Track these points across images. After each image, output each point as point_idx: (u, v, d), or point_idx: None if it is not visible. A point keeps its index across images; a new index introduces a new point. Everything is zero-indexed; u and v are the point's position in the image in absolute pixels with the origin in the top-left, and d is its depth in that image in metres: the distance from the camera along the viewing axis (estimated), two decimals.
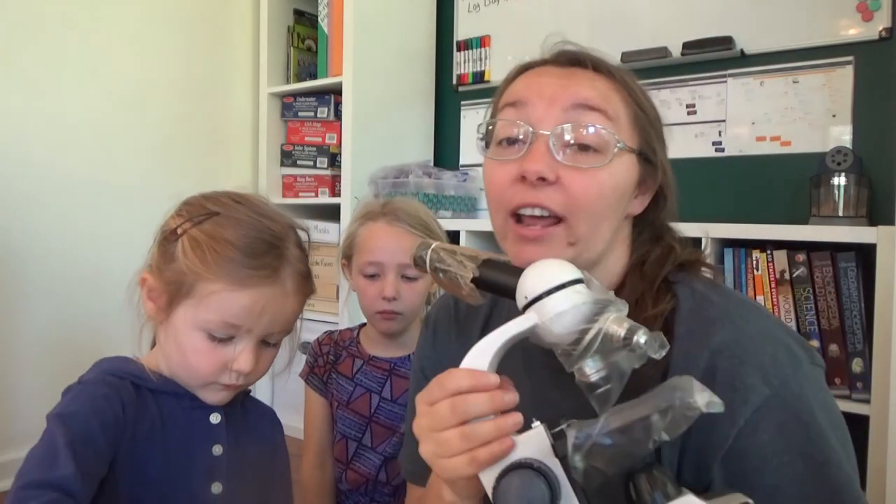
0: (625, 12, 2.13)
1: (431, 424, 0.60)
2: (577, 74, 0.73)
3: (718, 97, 1.98)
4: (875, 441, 1.42)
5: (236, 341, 0.78)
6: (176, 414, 0.81)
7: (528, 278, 0.62)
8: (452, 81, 2.58)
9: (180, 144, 2.41)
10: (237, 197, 0.83)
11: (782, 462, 0.66)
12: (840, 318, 1.52)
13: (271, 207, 0.85)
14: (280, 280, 0.79)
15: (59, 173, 2.09)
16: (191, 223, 0.79)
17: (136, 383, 0.80)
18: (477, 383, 0.59)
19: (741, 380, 0.65)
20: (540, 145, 0.68)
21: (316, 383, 1.30)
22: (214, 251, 0.77)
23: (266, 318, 0.78)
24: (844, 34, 1.79)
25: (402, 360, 1.26)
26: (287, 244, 0.82)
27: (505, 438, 0.57)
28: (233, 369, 0.79)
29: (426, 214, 1.26)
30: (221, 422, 0.83)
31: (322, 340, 1.34)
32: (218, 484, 0.81)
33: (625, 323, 0.56)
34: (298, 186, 2.55)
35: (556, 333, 0.58)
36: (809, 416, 0.67)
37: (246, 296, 0.76)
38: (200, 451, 0.81)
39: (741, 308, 0.72)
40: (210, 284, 0.76)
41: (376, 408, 1.24)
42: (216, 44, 2.54)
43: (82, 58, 2.16)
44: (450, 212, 2.28)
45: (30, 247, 2.02)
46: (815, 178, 1.68)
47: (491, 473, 0.58)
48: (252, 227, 0.79)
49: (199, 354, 0.78)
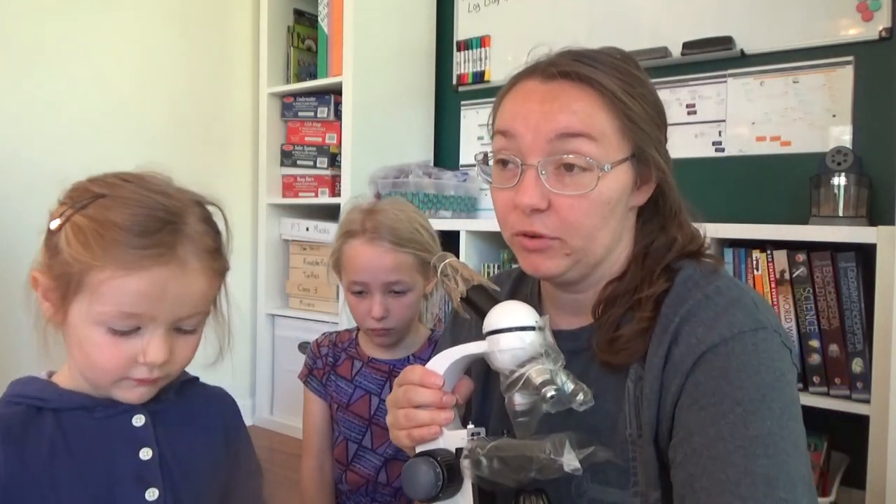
0: (625, 12, 2.13)
1: (393, 401, 0.79)
2: (562, 93, 0.75)
3: (718, 97, 1.98)
4: (875, 441, 1.42)
5: (142, 332, 0.72)
6: (85, 428, 0.74)
7: (493, 312, 0.72)
8: (452, 81, 2.58)
9: (180, 144, 2.41)
10: (127, 176, 0.76)
11: (710, 402, 0.68)
12: (840, 318, 1.52)
13: (169, 184, 0.78)
14: (178, 258, 0.71)
15: (58, 173, 2.08)
16: (73, 209, 0.72)
17: (37, 406, 0.74)
18: (425, 381, 0.75)
19: (696, 336, 0.71)
20: (529, 176, 0.75)
21: (315, 385, 1.30)
22: (98, 235, 0.69)
23: (167, 302, 0.71)
24: (844, 34, 1.79)
25: (402, 361, 1.25)
26: (185, 219, 0.74)
27: (434, 426, 0.73)
28: (143, 362, 0.72)
29: (409, 224, 1.19)
30: (147, 423, 0.77)
31: (321, 342, 1.33)
32: (153, 490, 0.75)
33: (544, 375, 0.66)
34: (298, 186, 2.55)
35: (496, 365, 0.71)
36: (753, 371, 0.68)
37: (139, 280, 0.69)
38: (124, 459, 0.75)
39: (723, 286, 0.75)
40: (98, 273, 0.69)
41: (376, 409, 1.24)
42: (216, 43, 2.54)
43: (82, 57, 2.16)
44: (450, 212, 2.28)
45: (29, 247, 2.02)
46: (815, 178, 1.68)
47: (422, 449, 0.74)
48: (141, 205, 0.72)
49: (102, 351, 0.71)
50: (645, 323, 0.75)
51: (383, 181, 2.26)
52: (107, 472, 0.74)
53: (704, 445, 0.67)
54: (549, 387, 0.65)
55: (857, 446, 1.49)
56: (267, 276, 2.62)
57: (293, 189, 2.56)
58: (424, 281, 1.21)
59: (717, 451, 0.66)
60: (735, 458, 0.65)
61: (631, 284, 0.79)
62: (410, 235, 1.18)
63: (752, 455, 0.64)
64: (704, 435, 0.67)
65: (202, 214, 0.77)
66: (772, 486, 0.63)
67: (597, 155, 0.73)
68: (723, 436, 0.66)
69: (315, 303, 2.51)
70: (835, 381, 1.53)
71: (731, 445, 0.65)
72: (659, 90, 0.82)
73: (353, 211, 1.23)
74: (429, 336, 1.29)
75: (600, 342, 0.78)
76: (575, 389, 0.66)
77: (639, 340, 0.75)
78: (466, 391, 0.79)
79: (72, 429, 0.74)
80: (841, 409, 1.50)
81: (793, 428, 0.67)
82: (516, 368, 0.67)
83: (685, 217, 0.83)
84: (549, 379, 0.65)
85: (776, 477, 0.63)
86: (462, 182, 2.36)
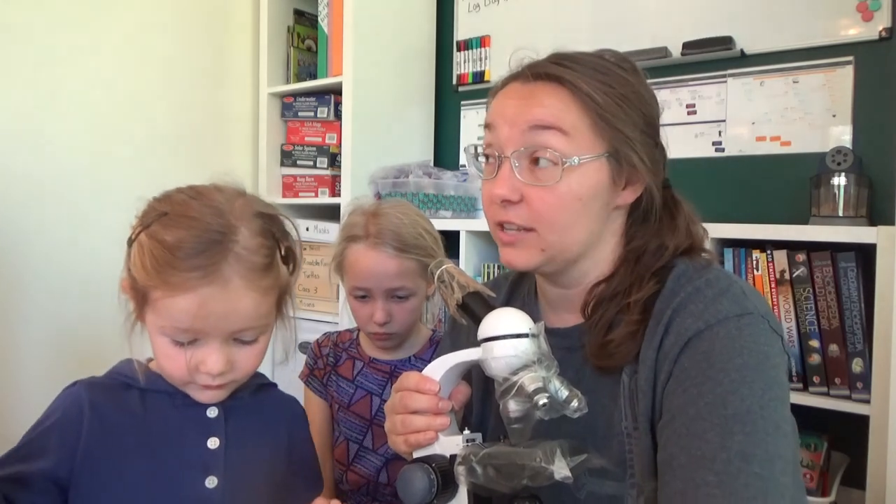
0: (625, 12, 2.13)
1: (390, 407, 0.80)
2: (538, 91, 0.78)
3: (718, 97, 1.98)
4: (875, 441, 1.42)
5: (200, 343, 0.76)
6: (164, 410, 0.81)
7: (488, 319, 0.73)
8: (452, 81, 2.58)
9: (179, 144, 2.40)
10: (191, 192, 0.79)
11: (692, 384, 0.69)
12: (840, 318, 1.52)
13: (234, 197, 0.80)
14: (222, 278, 0.74)
15: (57, 172, 2.09)
16: (140, 227, 0.77)
17: (128, 383, 0.81)
18: (421, 387, 0.76)
19: (685, 325, 0.73)
20: (505, 168, 0.79)
21: (316, 385, 1.30)
22: (153, 256, 0.74)
23: (215, 319, 0.75)
24: (844, 34, 1.78)
25: (404, 362, 1.25)
26: (235, 236, 0.75)
27: (430, 432, 0.75)
28: (202, 371, 0.77)
29: (413, 228, 1.18)
30: (220, 416, 0.82)
31: (321, 342, 1.33)
32: (213, 478, 0.80)
33: (537, 383, 0.67)
34: (298, 186, 2.55)
35: (490, 372, 0.72)
36: (735, 353, 0.69)
37: (185, 300, 0.73)
38: (193, 445, 0.80)
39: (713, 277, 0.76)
40: (154, 291, 0.75)
41: (377, 410, 1.24)
42: (216, 43, 2.54)
43: (80, 57, 2.15)
44: (450, 212, 2.28)
45: (29, 246, 2.02)
46: (815, 178, 1.68)
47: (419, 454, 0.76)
48: (192, 225, 0.75)
49: (168, 359, 0.77)
50: (633, 327, 0.77)
51: (383, 181, 2.26)
52: (175, 453, 0.79)
53: (684, 425, 0.68)
54: (542, 394, 0.66)
55: (857, 446, 1.49)
56: None
57: (293, 189, 2.56)
58: (427, 285, 1.21)
59: (694, 429, 0.67)
60: (711, 435, 0.65)
61: (620, 286, 0.80)
62: (414, 241, 1.17)
63: (729, 432, 0.65)
64: (685, 415, 0.68)
65: (260, 228, 0.79)
66: (747, 462, 0.63)
67: (565, 149, 0.76)
68: (701, 415, 0.67)
69: (315, 303, 2.51)
70: (835, 381, 1.53)
71: (708, 423, 0.66)
72: (659, 90, 0.83)
73: (356, 213, 1.22)
74: (430, 336, 1.29)
75: (592, 347, 0.79)
76: (569, 396, 0.67)
77: (629, 344, 0.76)
78: (463, 397, 0.80)
79: (152, 408, 0.81)
80: (841, 409, 1.50)
81: (775, 408, 0.67)
82: (509, 376, 0.68)
83: (682, 221, 0.83)
84: (542, 387, 0.67)
85: (752, 453, 0.63)
86: (462, 182, 2.35)
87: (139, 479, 0.77)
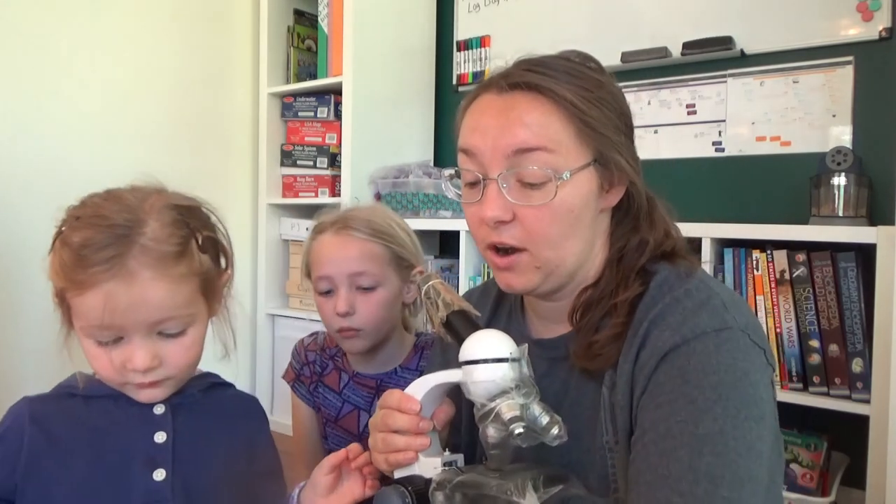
0: (625, 12, 2.13)
1: (373, 424, 0.79)
2: (516, 105, 0.75)
3: (718, 97, 1.98)
4: (875, 441, 1.42)
5: (124, 341, 0.76)
6: (109, 412, 0.81)
7: (469, 341, 0.72)
8: (452, 81, 2.58)
9: (180, 144, 2.40)
10: (105, 194, 0.80)
11: (666, 401, 0.68)
12: (840, 318, 1.52)
13: (147, 193, 0.80)
14: (126, 271, 0.73)
15: (56, 172, 2.09)
16: (56, 234, 0.78)
17: (72, 392, 0.82)
18: (402, 406, 0.76)
19: (661, 339, 0.71)
20: (492, 190, 0.75)
21: (303, 392, 1.25)
22: (62, 259, 0.74)
23: (123, 312, 0.73)
24: (844, 34, 1.78)
25: (389, 374, 1.17)
26: (142, 228, 0.74)
27: (409, 452, 0.74)
28: (129, 369, 0.76)
29: (384, 219, 1.14)
30: (166, 412, 0.82)
31: (308, 346, 1.26)
32: (161, 471, 0.79)
33: (514, 411, 0.66)
34: (298, 186, 2.55)
35: (470, 396, 0.70)
36: (711, 371, 0.67)
37: (91, 296, 0.73)
38: (139, 439, 0.80)
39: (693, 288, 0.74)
40: (68, 293, 0.75)
41: (365, 426, 1.19)
42: (216, 43, 2.54)
43: (81, 57, 2.15)
44: (450, 212, 2.28)
45: (27, 246, 2.02)
46: (815, 178, 1.68)
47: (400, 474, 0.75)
48: (96, 223, 0.75)
49: (96, 360, 0.77)
50: (619, 328, 0.75)
51: (383, 181, 2.26)
52: (121, 450, 0.79)
53: (653, 441, 0.67)
54: (518, 423, 0.65)
55: (857, 446, 1.49)
56: (267, 276, 2.62)
57: (293, 189, 2.56)
58: (399, 280, 1.14)
59: (664, 447, 0.65)
60: (680, 454, 0.64)
61: (607, 289, 0.78)
62: (383, 229, 1.12)
63: (698, 453, 0.64)
64: (655, 432, 0.67)
65: (172, 218, 0.78)
66: (715, 485, 0.62)
67: (555, 164, 0.73)
68: (672, 433, 0.66)
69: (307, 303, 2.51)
70: (835, 381, 1.53)
71: (678, 442, 0.65)
72: (659, 90, 0.82)
73: (324, 212, 1.19)
74: (414, 343, 1.22)
75: (578, 348, 0.78)
76: (549, 423, 0.66)
77: (614, 346, 0.75)
78: (445, 416, 0.79)
79: (97, 411, 0.80)
80: (841, 409, 1.50)
81: (749, 428, 0.65)
82: (487, 402, 0.68)
83: (658, 215, 0.82)
84: (519, 415, 0.65)
85: (721, 475, 0.62)
86: None
87: (85, 480, 0.77)
